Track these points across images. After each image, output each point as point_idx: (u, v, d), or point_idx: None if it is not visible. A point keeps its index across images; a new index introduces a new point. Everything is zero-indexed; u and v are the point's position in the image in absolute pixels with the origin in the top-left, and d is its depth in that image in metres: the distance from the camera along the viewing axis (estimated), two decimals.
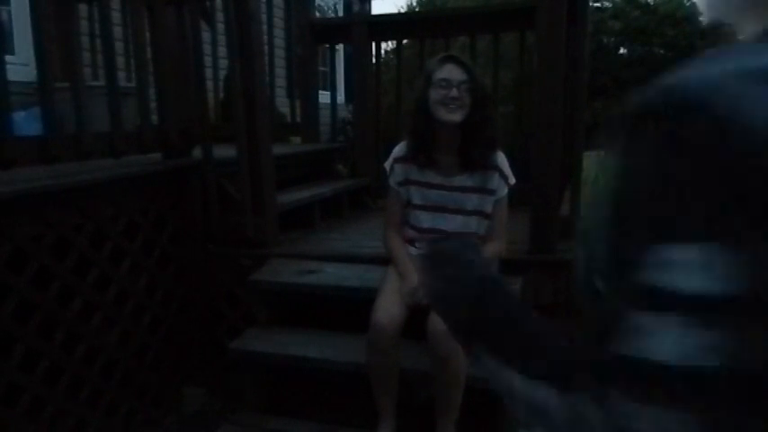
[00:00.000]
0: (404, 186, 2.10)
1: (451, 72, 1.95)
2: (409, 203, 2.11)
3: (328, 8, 9.15)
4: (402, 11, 14.69)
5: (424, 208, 2.08)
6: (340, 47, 5.47)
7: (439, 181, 2.05)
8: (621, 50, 24.43)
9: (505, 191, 2.03)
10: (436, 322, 1.81)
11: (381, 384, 1.97)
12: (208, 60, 2.69)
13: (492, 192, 2.02)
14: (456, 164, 2.03)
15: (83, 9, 3.91)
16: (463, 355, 1.82)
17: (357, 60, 3.68)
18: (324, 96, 4.47)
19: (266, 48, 2.80)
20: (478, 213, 2.04)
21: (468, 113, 1.95)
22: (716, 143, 0.41)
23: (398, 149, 2.12)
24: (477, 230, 2.06)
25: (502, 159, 2.02)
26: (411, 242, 2.15)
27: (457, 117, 1.95)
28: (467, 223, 2.05)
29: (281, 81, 5.14)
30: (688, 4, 25.36)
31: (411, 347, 1.98)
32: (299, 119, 4.02)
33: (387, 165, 2.15)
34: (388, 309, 1.89)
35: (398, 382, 1.99)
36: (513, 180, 2.03)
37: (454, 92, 1.93)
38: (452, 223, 2.07)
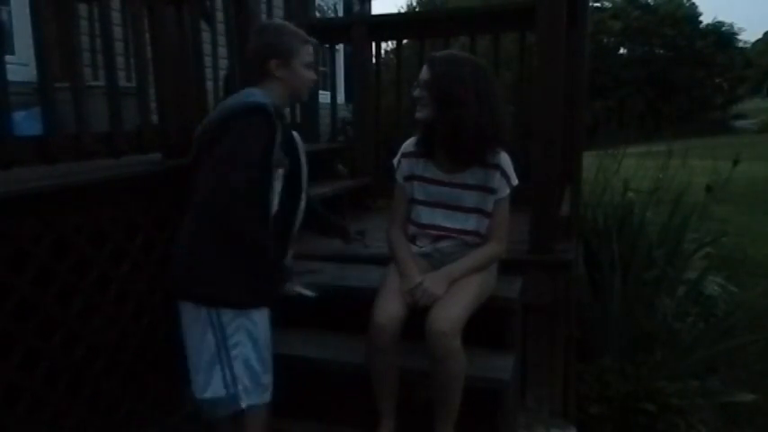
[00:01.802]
0: (409, 182, 2.11)
1: (422, 72, 1.98)
2: (412, 199, 2.11)
3: (328, 8, 9.15)
4: (402, 11, 14.71)
5: (424, 203, 2.09)
6: (340, 47, 5.48)
7: (441, 177, 2.05)
8: (621, 50, 24.47)
9: (507, 191, 2.01)
10: (434, 322, 1.81)
11: (381, 384, 1.97)
12: (208, 60, 2.69)
13: (492, 191, 2.01)
14: (457, 161, 2.03)
15: (83, 9, 3.92)
16: (462, 355, 1.82)
17: (357, 60, 3.68)
18: (324, 96, 4.47)
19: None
20: (478, 211, 2.04)
21: (433, 113, 1.94)
22: None
23: (406, 145, 2.13)
24: (478, 228, 2.06)
25: (505, 160, 2.00)
26: (412, 239, 2.15)
27: (419, 115, 1.98)
28: (466, 221, 2.06)
29: None
30: (688, 4, 25.41)
31: (411, 347, 1.98)
32: (299, 119, 4.02)
33: (395, 161, 2.16)
34: (388, 308, 1.89)
35: (398, 382, 1.99)
36: (515, 181, 2.02)
37: (417, 91, 1.97)
38: (451, 220, 2.07)
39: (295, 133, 1.94)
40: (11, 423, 1.70)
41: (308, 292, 1.87)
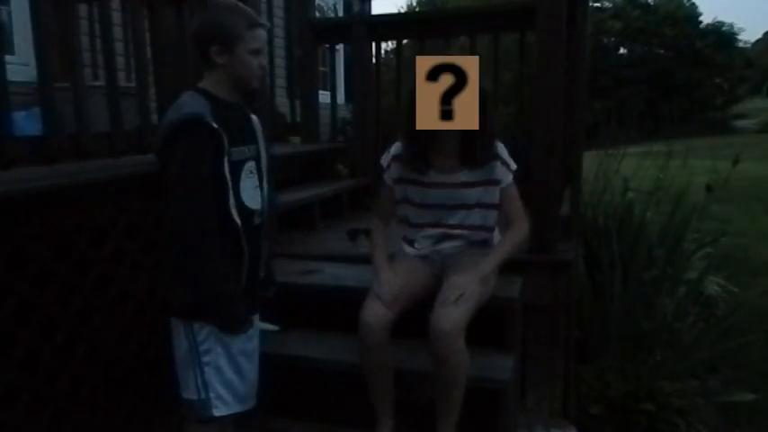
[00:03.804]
0: (399, 185, 2.09)
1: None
2: (407, 202, 2.10)
3: (328, 8, 9.15)
4: (402, 11, 14.72)
5: (424, 206, 2.07)
6: (340, 47, 5.47)
7: (440, 180, 2.03)
8: (621, 50, 24.46)
9: (510, 177, 2.01)
10: (438, 322, 1.80)
11: (375, 383, 1.97)
12: None
13: (496, 182, 2.00)
14: (457, 160, 2.01)
15: (83, 9, 3.91)
16: (465, 354, 1.81)
17: (357, 60, 3.68)
18: (324, 96, 4.47)
19: (266, 48, 2.80)
20: (481, 206, 2.04)
21: None
22: None
23: (397, 147, 2.09)
24: (484, 223, 2.06)
25: (501, 148, 2.00)
26: (410, 242, 2.15)
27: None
28: (468, 217, 2.05)
29: (281, 81, 5.14)
30: (688, 4, 25.37)
31: (411, 347, 1.98)
32: (299, 119, 4.01)
33: (384, 160, 2.12)
34: (375, 308, 1.89)
35: (395, 382, 1.98)
36: (514, 166, 2.02)
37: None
38: (454, 218, 2.06)
39: (254, 117, 1.80)
40: (11, 423, 1.70)
41: (270, 327, 1.86)
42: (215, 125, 1.53)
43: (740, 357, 3.12)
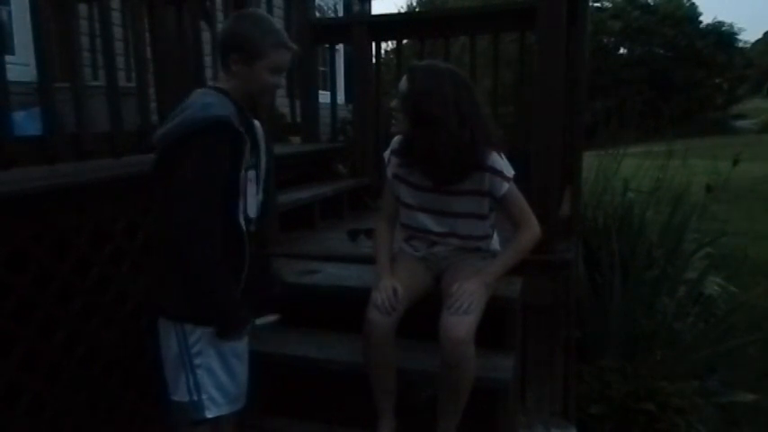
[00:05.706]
0: (396, 180, 2.07)
1: (401, 82, 1.86)
2: (400, 201, 2.09)
3: (328, 8, 9.15)
4: (402, 11, 14.70)
5: (411, 207, 2.06)
6: (340, 47, 5.47)
7: (425, 183, 1.98)
8: (621, 50, 24.43)
9: (506, 186, 1.90)
10: (451, 329, 1.79)
11: (379, 382, 1.96)
12: (208, 60, 2.69)
13: (487, 193, 1.93)
14: (435, 180, 1.94)
15: (83, 9, 3.92)
16: (474, 359, 1.81)
17: (357, 60, 3.68)
18: (324, 96, 4.47)
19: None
20: (469, 216, 2.00)
21: (409, 128, 1.86)
22: None
23: (396, 140, 2.05)
24: (472, 232, 2.03)
25: (494, 158, 1.89)
26: (407, 240, 2.15)
27: (394, 129, 1.91)
28: (455, 225, 2.02)
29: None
30: (688, 5, 25.35)
31: (412, 347, 1.98)
32: (299, 119, 4.02)
33: (385, 154, 2.10)
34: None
35: (398, 382, 1.98)
36: (510, 173, 1.91)
37: (394, 102, 1.89)
38: (441, 225, 2.03)
39: (257, 123, 1.73)
40: (11, 423, 1.70)
41: (268, 319, 1.86)
42: (241, 129, 1.50)
43: (740, 357, 3.12)
